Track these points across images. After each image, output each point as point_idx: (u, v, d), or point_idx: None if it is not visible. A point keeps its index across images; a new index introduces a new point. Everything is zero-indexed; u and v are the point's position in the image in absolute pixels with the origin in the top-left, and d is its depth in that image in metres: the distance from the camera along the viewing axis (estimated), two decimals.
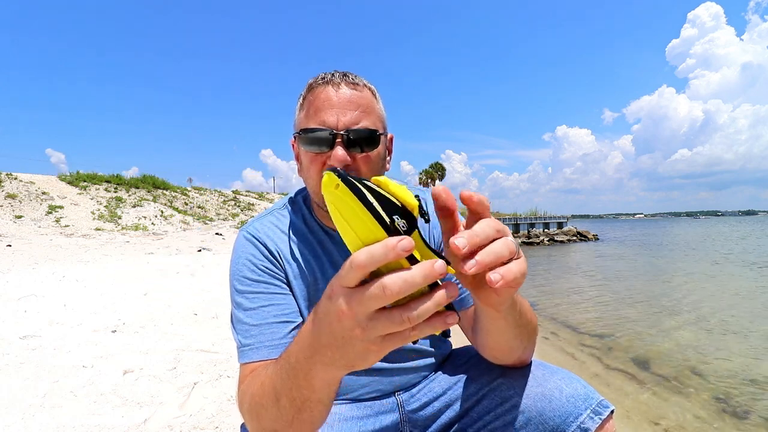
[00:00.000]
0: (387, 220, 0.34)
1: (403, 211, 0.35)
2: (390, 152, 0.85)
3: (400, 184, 0.37)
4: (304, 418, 0.49)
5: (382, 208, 0.34)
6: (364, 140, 0.73)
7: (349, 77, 0.76)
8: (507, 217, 29.13)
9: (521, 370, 0.74)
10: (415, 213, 0.36)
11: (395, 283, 0.32)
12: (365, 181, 0.35)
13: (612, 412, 0.67)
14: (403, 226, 0.35)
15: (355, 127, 0.72)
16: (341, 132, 0.71)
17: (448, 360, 0.90)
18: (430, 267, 0.33)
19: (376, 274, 0.34)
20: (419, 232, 0.37)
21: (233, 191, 23.52)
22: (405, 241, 0.31)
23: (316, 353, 0.42)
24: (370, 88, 0.78)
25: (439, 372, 0.86)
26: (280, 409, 0.50)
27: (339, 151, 0.71)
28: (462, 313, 0.82)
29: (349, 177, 0.35)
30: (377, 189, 0.35)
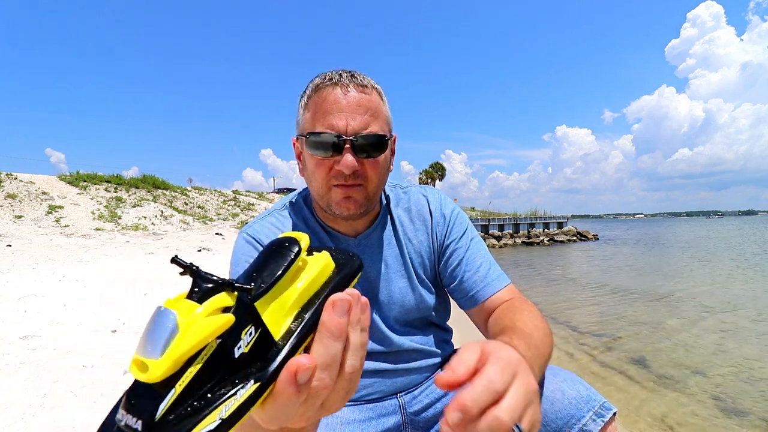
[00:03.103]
0: (254, 389, 0.25)
1: (236, 328, 0.25)
2: (393, 153, 0.84)
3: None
4: None
5: (216, 391, 0.24)
6: (372, 146, 0.73)
7: (357, 78, 0.74)
8: (507, 216, 29.13)
9: None
10: (230, 302, 0.25)
11: (323, 380, 0.28)
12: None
13: (614, 414, 0.67)
14: (250, 338, 0.26)
15: (364, 132, 0.71)
16: (350, 138, 0.70)
17: (451, 360, 0.90)
18: (333, 322, 0.28)
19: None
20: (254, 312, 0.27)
21: (233, 191, 23.51)
22: (302, 373, 0.26)
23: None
24: (377, 90, 0.77)
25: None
26: None
27: (348, 158, 0.70)
28: (473, 310, 0.82)
29: None
30: (178, 394, 0.23)
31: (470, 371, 0.36)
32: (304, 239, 0.31)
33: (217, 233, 13.04)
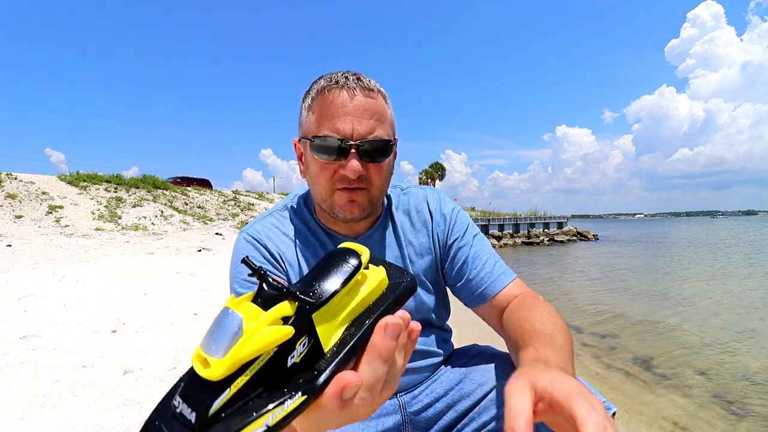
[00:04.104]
0: (301, 400, 0.25)
1: (295, 339, 0.26)
2: (395, 156, 0.84)
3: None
4: None
5: (266, 397, 0.25)
6: (377, 151, 0.72)
7: (363, 81, 0.74)
8: (507, 216, 29.12)
9: None
10: (291, 312, 0.26)
11: (365, 399, 0.28)
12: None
13: (614, 414, 0.67)
14: (303, 348, 0.26)
15: (370, 137, 0.71)
16: (356, 142, 0.70)
17: (450, 360, 0.90)
18: (384, 344, 0.28)
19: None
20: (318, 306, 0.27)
21: (233, 191, 23.50)
22: (348, 390, 0.26)
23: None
24: (382, 94, 0.76)
25: (441, 373, 0.86)
26: None
27: (354, 163, 0.70)
28: (483, 307, 0.82)
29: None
30: (231, 395, 0.24)
31: (530, 421, 0.35)
32: (365, 253, 0.31)
33: (217, 233, 13.04)
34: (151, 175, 18.61)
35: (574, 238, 27.79)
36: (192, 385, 0.25)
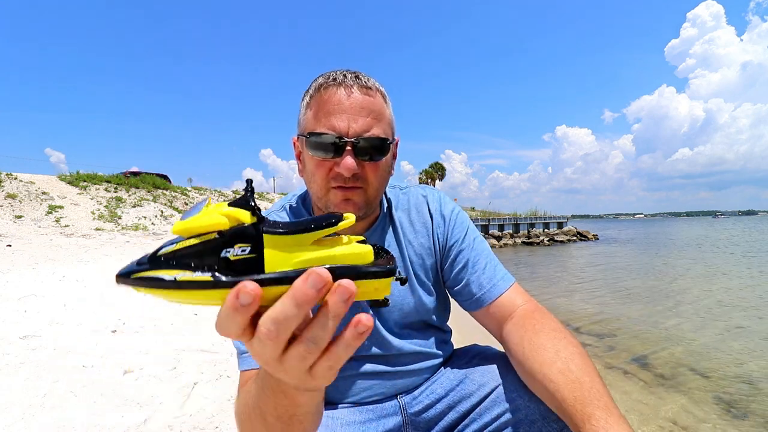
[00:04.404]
0: (206, 279, 0.29)
1: (233, 236, 0.30)
2: (395, 157, 0.83)
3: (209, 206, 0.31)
4: (294, 429, 0.48)
5: (192, 266, 0.29)
6: (374, 149, 0.71)
7: (361, 80, 0.73)
8: (507, 216, 29.12)
9: None
10: (245, 219, 0.30)
11: (269, 330, 0.29)
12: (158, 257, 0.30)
13: None
14: (240, 253, 0.30)
15: (366, 135, 0.70)
16: (351, 140, 0.69)
17: (450, 361, 0.89)
18: (301, 289, 0.28)
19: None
20: (285, 233, 0.31)
21: (233, 191, 23.51)
22: (242, 294, 0.27)
23: (279, 386, 0.40)
24: (381, 92, 0.75)
25: (441, 373, 0.85)
26: (268, 426, 0.48)
27: (348, 161, 0.69)
28: (480, 312, 0.81)
29: (138, 273, 0.29)
30: (173, 250, 0.30)
31: None
32: (349, 218, 0.33)
33: None
34: (150, 175, 18.61)
35: (574, 238, 27.80)
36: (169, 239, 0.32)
